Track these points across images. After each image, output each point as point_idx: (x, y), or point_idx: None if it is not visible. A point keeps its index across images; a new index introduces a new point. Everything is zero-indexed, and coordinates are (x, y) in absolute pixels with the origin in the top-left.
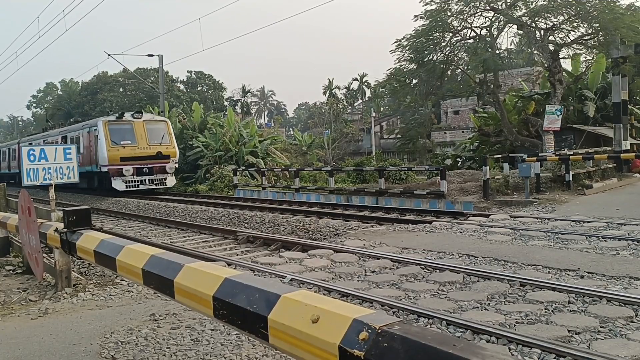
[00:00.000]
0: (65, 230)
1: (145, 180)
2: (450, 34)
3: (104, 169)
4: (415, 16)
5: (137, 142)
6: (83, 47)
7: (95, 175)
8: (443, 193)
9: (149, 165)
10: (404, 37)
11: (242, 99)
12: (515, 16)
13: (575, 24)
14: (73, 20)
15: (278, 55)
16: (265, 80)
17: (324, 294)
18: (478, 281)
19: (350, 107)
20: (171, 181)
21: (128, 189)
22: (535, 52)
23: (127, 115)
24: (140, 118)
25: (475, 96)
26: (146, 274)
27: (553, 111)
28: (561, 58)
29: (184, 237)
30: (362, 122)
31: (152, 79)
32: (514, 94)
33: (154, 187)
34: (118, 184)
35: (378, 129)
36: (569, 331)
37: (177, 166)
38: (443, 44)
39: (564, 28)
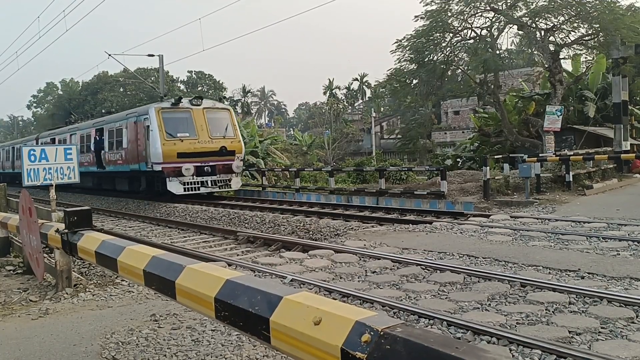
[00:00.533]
0: (66, 230)
1: (206, 181)
2: (451, 35)
3: (157, 168)
4: (416, 16)
5: (197, 135)
6: (83, 47)
7: (143, 175)
8: (443, 193)
9: (211, 163)
10: (404, 37)
11: (243, 99)
12: (515, 17)
13: (575, 25)
14: (73, 20)
15: (278, 55)
16: (266, 80)
17: (324, 295)
18: (479, 282)
19: (350, 107)
20: (236, 183)
21: (186, 193)
22: (535, 52)
23: (185, 102)
24: (200, 105)
25: (475, 96)
26: (147, 275)
27: (553, 111)
28: (561, 58)
29: (185, 237)
30: (362, 122)
31: (152, 78)
32: (515, 94)
33: (217, 189)
34: (175, 187)
35: (378, 129)
36: (569, 332)
37: (243, 165)
38: (443, 45)
39: (564, 28)
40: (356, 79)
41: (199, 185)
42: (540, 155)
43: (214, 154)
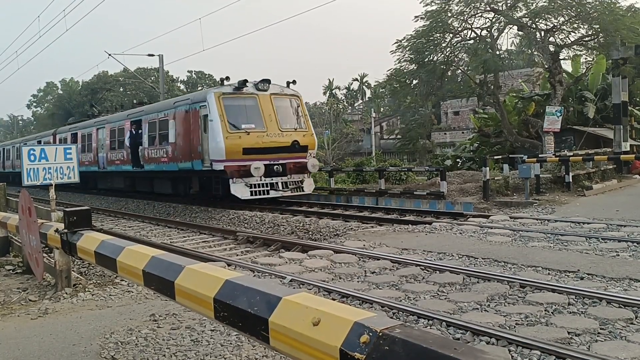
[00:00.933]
0: (65, 230)
1: (276, 183)
2: (451, 35)
3: (217, 167)
4: (416, 17)
5: (265, 126)
6: (83, 46)
7: (195, 176)
8: (443, 194)
9: (281, 161)
10: (404, 37)
11: None
12: (515, 17)
13: (575, 25)
14: (74, 20)
15: (278, 55)
16: None
17: (324, 295)
18: (478, 282)
19: (350, 107)
20: (309, 185)
21: (253, 197)
22: (535, 53)
23: (250, 86)
24: (267, 89)
25: (475, 97)
26: (147, 275)
27: (553, 112)
28: (561, 59)
29: (184, 237)
30: (362, 122)
31: (152, 78)
32: (514, 94)
33: (290, 193)
34: (240, 190)
35: (378, 129)
36: (568, 333)
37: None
38: (443, 45)
39: (564, 29)
40: (356, 79)
41: (268, 188)
42: (539, 155)
43: (285, 150)
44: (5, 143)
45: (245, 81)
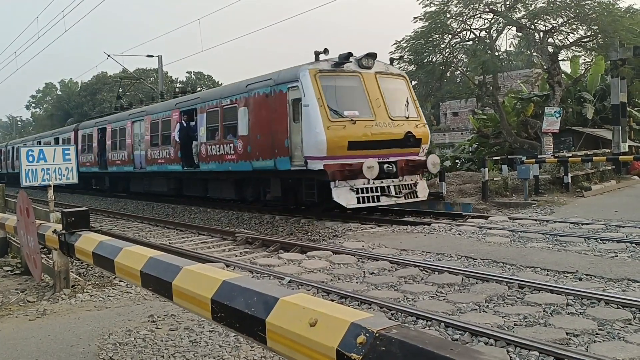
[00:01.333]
0: (63, 231)
1: (388, 187)
2: (450, 36)
3: (314, 165)
4: (415, 18)
5: (373, 114)
6: (82, 47)
7: (277, 177)
8: (442, 194)
9: (391, 159)
10: (403, 38)
11: None
12: (514, 18)
13: (574, 26)
14: (73, 21)
15: (278, 55)
16: None
17: (322, 296)
18: (476, 283)
19: None
20: (423, 189)
21: (361, 205)
22: (534, 54)
23: (352, 63)
24: (371, 67)
25: (474, 98)
26: (144, 276)
27: (552, 113)
28: (560, 60)
29: (183, 238)
30: None
31: (151, 79)
32: (513, 95)
33: (403, 200)
34: (344, 195)
35: None
36: (567, 333)
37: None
38: (442, 46)
39: (563, 30)
40: None
41: (379, 194)
42: (538, 156)
43: (396, 144)
44: (15, 141)
45: (350, 55)
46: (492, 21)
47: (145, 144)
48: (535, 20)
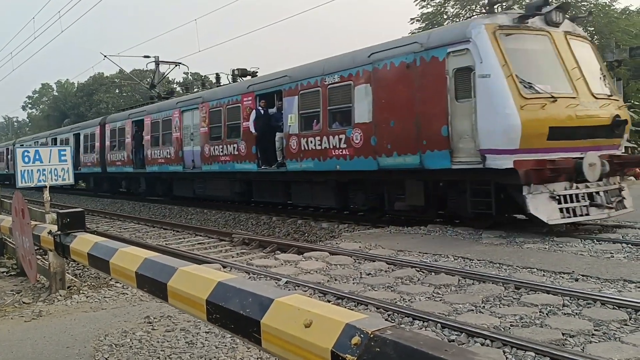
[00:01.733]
0: (59, 232)
1: (597, 194)
2: None
3: (499, 162)
4: (412, 19)
5: (574, 88)
6: (79, 48)
7: (419, 179)
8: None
9: (597, 152)
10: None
11: None
12: None
13: None
14: (69, 21)
15: (277, 55)
16: None
17: (319, 297)
18: (473, 284)
19: None
20: (629, 197)
21: (565, 221)
22: None
23: (536, 18)
24: (560, 24)
25: None
26: (140, 277)
27: None
28: None
29: (179, 239)
30: None
31: (148, 80)
32: None
33: (616, 213)
34: (544, 206)
35: None
36: (563, 334)
37: None
38: None
39: None
40: None
41: (587, 203)
42: None
43: (601, 133)
44: (24, 139)
45: (546, 2)
46: None
47: (201, 138)
48: None
